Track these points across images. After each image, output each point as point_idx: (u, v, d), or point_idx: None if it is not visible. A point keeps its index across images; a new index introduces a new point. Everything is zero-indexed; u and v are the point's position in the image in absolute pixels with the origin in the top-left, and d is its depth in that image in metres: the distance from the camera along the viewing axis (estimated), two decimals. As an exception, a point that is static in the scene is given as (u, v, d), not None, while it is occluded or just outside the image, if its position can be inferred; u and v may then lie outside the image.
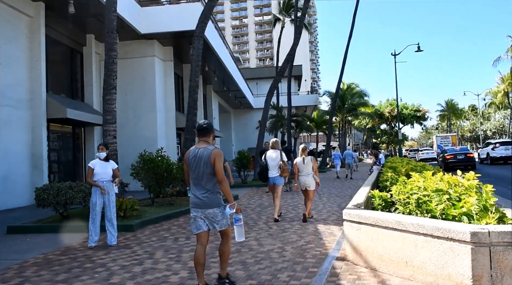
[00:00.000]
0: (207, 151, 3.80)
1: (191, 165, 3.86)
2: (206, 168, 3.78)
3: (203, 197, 3.81)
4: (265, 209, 9.82)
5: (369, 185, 8.92)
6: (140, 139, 16.81)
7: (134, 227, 7.35)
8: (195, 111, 11.70)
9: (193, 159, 3.84)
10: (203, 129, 3.95)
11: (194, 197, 3.87)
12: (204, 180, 3.81)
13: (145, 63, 17.57)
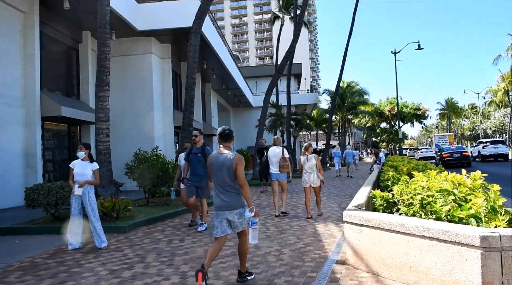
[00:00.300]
0: (230, 157, 4.00)
1: (214, 170, 4.08)
2: (229, 173, 3.99)
3: (226, 199, 4.01)
4: (263, 209, 9.58)
5: (370, 184, 8.68)
6: (138, 138, 16.57)
7: (127, 229, 7.10)
8: (192, 109, 11.45)
9: (216, 164, 4.06)
10: (226, 136, 4.13)
11: (218, 200, 4.07)
12: (226, 183, 4.01)
13: (143, 61, 17.30)
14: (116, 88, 17.12)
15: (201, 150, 7.15)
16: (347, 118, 45.67)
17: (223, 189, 4.02)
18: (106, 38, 8.28)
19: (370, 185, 8.37)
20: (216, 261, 5.03)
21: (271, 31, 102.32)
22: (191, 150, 7.31)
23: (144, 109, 17.07)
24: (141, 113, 17.02)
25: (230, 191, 4.01)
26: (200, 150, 7.16)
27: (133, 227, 7.35)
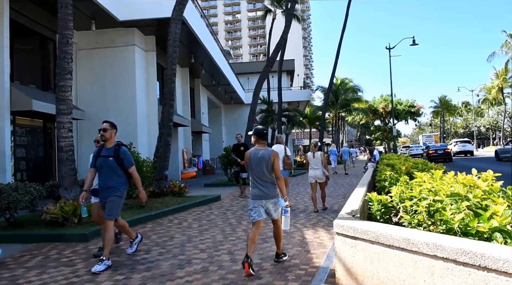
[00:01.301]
0: (268, 152, 4.59)
1: (253, 164, 4.59)
2: (267, 166, 4.53)
3: (264, 189, 4.53)
4: (247, 213, 8.70)
5: (365, 184, 7.87)
6: (120, 134, 15.47)
7: (88, 237, 6.22)
8: (172, 103, 10.55)
9: (255, 158, 4.59)
10: (263, 134, 4.72)
11: (256, 190, 4.56)
12: (265, 175, 4.54)
13: (125, 53, 16.36)
14: (97, 82, 16.21)
15: (113, 152, 5.08)
16: (340, 115, 44.95)
17: (261, 180, 4.55)
18: (68, 20, 7.36)
19: (365, 186, 7.57)
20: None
21: (265, 29, 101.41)
22: (99, 151, 5.19)
23: (127, 105, 16.14)
24: (123, 109, 16.08)
25: (267, 183, 4.55)
26: (112, 152, 5.08)
27: (97, 234, 6.47)
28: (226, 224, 7.34)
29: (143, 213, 7.94)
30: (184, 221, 7.70)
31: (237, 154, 11.34)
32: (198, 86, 26.85)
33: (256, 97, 17.21)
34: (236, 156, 11.37)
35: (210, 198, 10.51)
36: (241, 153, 10.88)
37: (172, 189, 10.34)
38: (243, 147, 11.19)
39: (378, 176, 8.47)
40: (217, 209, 9.35)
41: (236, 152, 11.43)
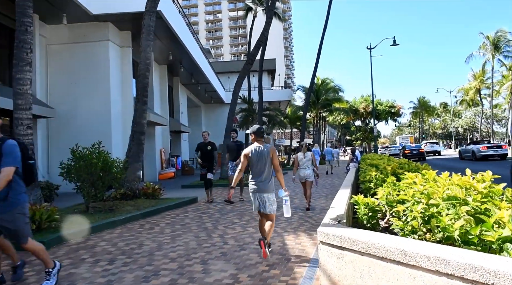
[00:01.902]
0: (267, 148, 4.96)
1: (254, 159, 4.94)
2: (267, 161, 4.92)
3: (262, 184, 4.90)
4: (224, 216, 8.21)
5: (349, 186, 7.49)
6: (92, 133, 14.91)
7: (47, 244, 5.61)
8: (145, 100, 9.96)
9: (256, 154, 4.94)
10: (261, 132, 5.10)
11: (254, 184, 4.94)
12: (265, 170, 4.92)
13: (98, 48, 15.64)
14: (68, 79, 15.46)
15: None
16: (321, 116, 44.82)
17: (260, 175, 4.92)
18: (27, 6, 6.73)
19: (349, 187, 7.18)
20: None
21: (246, 29, 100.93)
22: None
23: (100, 103, 15.44)
24: (96, 107, 15.38)
25: (265, 177, 4.93)
26: None
27: (57, 241, 5.87)
28: (201, 229, 6.82)
29: (111, 217, 7.35)
30: (156, 226, 7.15)
31: (202, 154, 10.13)
32: (177, 84, 26.19)
33: (235, 95, 16.71)
34: (202, 156, 10.12)
35: (186, 200, 9.97)
36: (208, 153, 10.04)
37: (145, 190, 9.75)
38: (210, 146, 10.12)
39: (362, 176, 8.09)
40: (192, 212, 8.82)
41: (201, 152, 10.16)
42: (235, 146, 10.44)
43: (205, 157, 10.12)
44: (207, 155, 10.11)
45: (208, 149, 10.11)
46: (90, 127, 15.14)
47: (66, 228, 6.33)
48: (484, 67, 55.55)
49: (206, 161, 10.14)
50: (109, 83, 15.50)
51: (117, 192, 9.15)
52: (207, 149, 10.09)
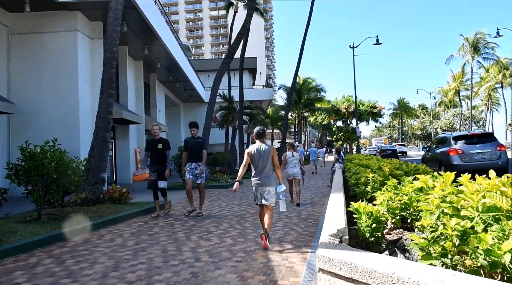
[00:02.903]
0: (268, 147, 5.62)
1: (256, 157, 5.58)
2: (267, 159, 5.56)
3: (265, 179, 5.52)
4: (199, 223, 7.25)
5: (340, 189, 6.63)
6: (59, 131, 13.74)
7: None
8: (111, 92, 8.90)
9: (258, 153, 5.58)
10: (262, 134, 5.80)
11: (257, 180, 5.55)
12: (266, 166, 5.56)
13: (66, 39, 14.41)
14: (32, 72, 14.21)
15: None
16: (303, 116, 44.22)
17: (262, 171, 5.51)
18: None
19: (341, 191, 6.32)
20: None
21: (227, 28, 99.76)
22: None
23: (68, 98, 14.22)
24: (63, 102, 14.17)
25: (267, 173, 5.51)
26: None
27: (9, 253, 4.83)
28: (171, 240, 5.85)
29: (66, 226, 6.29)
30: (119, 237, 6.14)
31: (152, 153, 8.03)
32: (154, 81, 25.00)
33: (214, 92, 15.76)
34: (151, 157, 8.03)
35: (160, 204, 8.95)
36: (159, 153, 7.95)
37: (111, 194, 8.67)
38: (161, 144, 8.03)
39: (354, 178, 7.26)
40: (164, 218, 7.82)
41: (150, 152, 8.06)
42: (195, 143, 8.12)
43: (155, 157, 7.98)
44: (157, 156, 7.97)
45: (159, 147, 7.97)
46: (56, 124, 13.93)
47: (7, 241, 5.27)
48: (463, 68, 56.03)
49: (157, 163, 7.96)
50: (77, 77, 14.29)
51: (78, 196, 8.07)
52: (158, 148, 7.97)
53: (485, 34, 50.17)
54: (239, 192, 12.50)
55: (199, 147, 8.07)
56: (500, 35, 31.21)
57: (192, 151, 8.07)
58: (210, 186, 13.94)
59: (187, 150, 8.12)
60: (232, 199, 10.95)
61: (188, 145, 8.14)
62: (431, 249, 2.69)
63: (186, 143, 8.19)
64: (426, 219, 2.78)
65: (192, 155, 8.09)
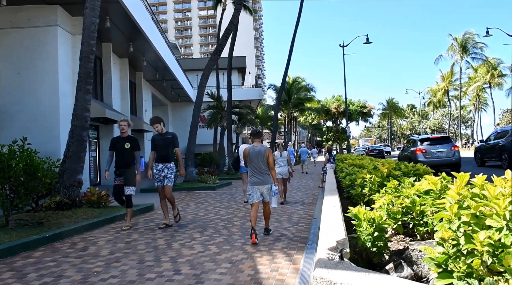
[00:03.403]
0: (263, 148, 5.90)
1: (252, 157, 5.81)
2: (263, 159, 5.81)
3: (262, 177, 5.78)
4: (182, 228, 6.73)
5: (334, 191, 6.18)
6: (38, 131, 13.16)
7: None
8: (89, 88, 8.32)
9: (254, 154, 5.82)
10: (258, 134, 6.14)
11: (255, 178, 5.77)
12: (261, 166, 5.81)
13: (45, 35, 13.75)
14: (10, 68, 13.52)
15: None
16: (293, 116, 43.84)
17: (259, 171, 5.80)
18: None
19: (335, 193, 5.86)
20: None
21: (216, 28, 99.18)
22: None
23: (48, 96, 13.56)
24: (43, 100, 13.51)
25: (263, 172, 5.81)
26: None
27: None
28: (149, 248, 5.32)
29: (35, 234, 5.73)
30: (93, 244, 5.59)
31: (118, 154, 6.81)
32: (140, 80, 24.35)
33: (202, 89, 15.22)
34: (117, 157, 6.82)
35: (140, 208, 8.42)
36: (125, 153, 6.73)
37: (88, 197, 8.08)
38: (129, 143, 6.83)
39: (349, 179, 6.82)
40: (145, 223, 7.28)
41: (116, 151, 6.86)
42: (162, 141, 6.93)
43: (122, 159, 6.73)
44: (124, 156, 6.74)
45: (126, 147, 6.76)
46: (35, 123, 13.29)
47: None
48: (452, 68, 56.24)
49: (123, 165, 6.71)
50: (58, 74, 13.65)
51: (51, 200, 7.49)
52: (125, 148, 6.76)
53: (473, 34, 50.43)
54: (227, 194, 12.02)
55: (168, 145, 6.91)
56: (489, 34, 31.14)
57: (160, 150, 6.91)
58: (197, 188, 13.42)
59: (155, 148, 6.97)
60: (220, 201, 10.44)
61: (156, 143, 6.95)
62: (452, 266, 2.23)
63: (154, 141, 7.00)
64: (447, 230, 2.31)
65: (160, 154, 6.91)
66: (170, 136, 6.99)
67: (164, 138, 6.94)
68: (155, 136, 7.08)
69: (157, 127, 6.98)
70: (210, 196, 11.60)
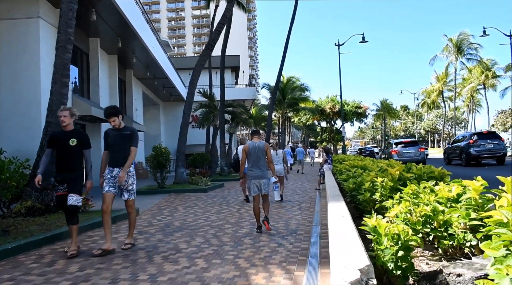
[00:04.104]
0: (262, 144, 6.42)
1: (252, 152, 6.32)
2: (262, 154, 6.34)
3: (260, 172, 6.27)
4: (168, 237, 6.01)
5: (338, 195, 5.50)
6: (18, 129, 12.44)
7: None
8: (65, 81, 7.57)
9: (253, 148, 6.32)
10: (257, 132, 6.82)
11: (254, 172, 6.27)
12: (261, 161, 6.32)
13: (26, 27, 12.96)
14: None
15: None
16: (287, 116, 43.22)
17: (258, 165, 6.29)
18: None
19: (340, 198, 5.19)
20: None
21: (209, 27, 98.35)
22: None
23: (28, 91, 12.79)
24: (23, 96, 12.73)
25: (262, 166, 6.31)
26: None
27: None
28: (127, 262, 4.61)
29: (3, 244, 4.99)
30: (61, 258, 4.87)
31: (59, 152, 5.13)
32: (130, 78, 23.55)
33: (193, 87, 14.53)
34: (58, 156, 5.13)
35: (124, 213, 7.65)
36: (70, 153, 5.09)
37: (65, 202, 7.33)
38: (75, 139, 5.14)
39: (352, 182, 6.17)
40: (125, 231, 6.55)
41: (56, 149, 5.15)
42: (118, 138, 5.26)
43: (65, 159, 5.10)
44: (68, 156, 5.11)
45: (71, 144, 5.11)
46: (14, 121, 12.52)
47: None
48: (447, 69, 55.95)
49: (65, 168, 5.10)
50: (39, 69, 12.87)
51: (22, 205, 6.73)
52: (69, 144, 5.10)
53: (468, 35, 50.18)
54: (219, 197, 11.32)
55: (126, 144, 5.25)
56: (486, 34, 30.77)
57: (115, 149, 5.22)
58: (187, 190, 12.69)
59: (109, 146, 5.26)
60: (211, 205, 9.73)
61: (110, 140, 5.26)
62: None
63: (107, 136, 5.29)
64: None
65: (114, 155, 5.21)
66: (129, 133, 5.30)
67: (121, 135, 5.25)
68: (109, 131, 5.34)
69: (114, 121, 5.22)
70: (201, 199, 10.89)
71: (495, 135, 20.25)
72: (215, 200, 10.49)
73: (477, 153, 19.17)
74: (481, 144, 19.23)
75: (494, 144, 19.22)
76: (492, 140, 19.38)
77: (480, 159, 19.41)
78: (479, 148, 19.18)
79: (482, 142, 19.25)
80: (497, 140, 19.42)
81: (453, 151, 21.34)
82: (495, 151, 19.09)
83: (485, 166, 19.34)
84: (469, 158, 19.33)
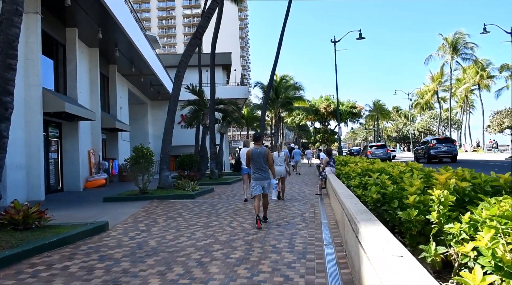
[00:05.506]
0: (263, 149, 7.25)
1: (254, 158, 7.12)
2: (264, 159, 7.11)
3: (263, 174, 7.05)
4: (137, 266, 4.54)
5: (368, 214, 4.07)
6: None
7: None
8: (12, 62, 6.04)
9: (256, 154, 7.12)
10: (259, 138, 7.78)
11: (258, 175, 7.05)
12: (262, 166, 7.07)
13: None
14: None
15: None
16: (280, 116, 41.90)
17: (261, 168, 7.06)
18: None
19: (375, 221, 3.74)
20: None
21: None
22: None
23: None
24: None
25: (264, 170, 7.08)
26: None
27: None
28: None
29: None
30: None
31: None
32: (114, 74, 21.97)
33: (179, 80, 13.03)
34: None
35: (86, 229, 6.15)
36: None
37: (10, 216, 5.80)
38: None
39: (375, 191, 4.77)
40: (85, 255, 5.06)
41: None
42: None
43: None
44: None
45: None
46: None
47: None
48: (442, 69, 55.02)
49: None
50: (4, 59, 11.30)
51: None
52: None
53: (464, 34, 49.27)
54: (208, 204, 9.87)
55: None
56: (487, 31, 29.74)
57: None
58: (172, 196, 11.20)
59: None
60: (198, 215, 8.27)
61: None
62: None
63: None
64: None
65: None
66: None
67: None
68: None
69: None
70: (187, 208, 9.41)
71: (449, 140, 26.99)
72: (202, 209, 9.04)
73: (435, 153, 25.33)
74: (438, 146, 25.39)
75: (448, 146, 25.29)
76: (446, 144, 25.59)
77: (439, 158, 25.40)
78: (437, 150, 25.31)
79: (439, 145, 25.47)
80: (450, 144, 25.70)
81: (420, 151, 27.81)
82: (449, 152, 25.13)
83: (444, 163, 23.09)
84: (429, 157, 25.37)
